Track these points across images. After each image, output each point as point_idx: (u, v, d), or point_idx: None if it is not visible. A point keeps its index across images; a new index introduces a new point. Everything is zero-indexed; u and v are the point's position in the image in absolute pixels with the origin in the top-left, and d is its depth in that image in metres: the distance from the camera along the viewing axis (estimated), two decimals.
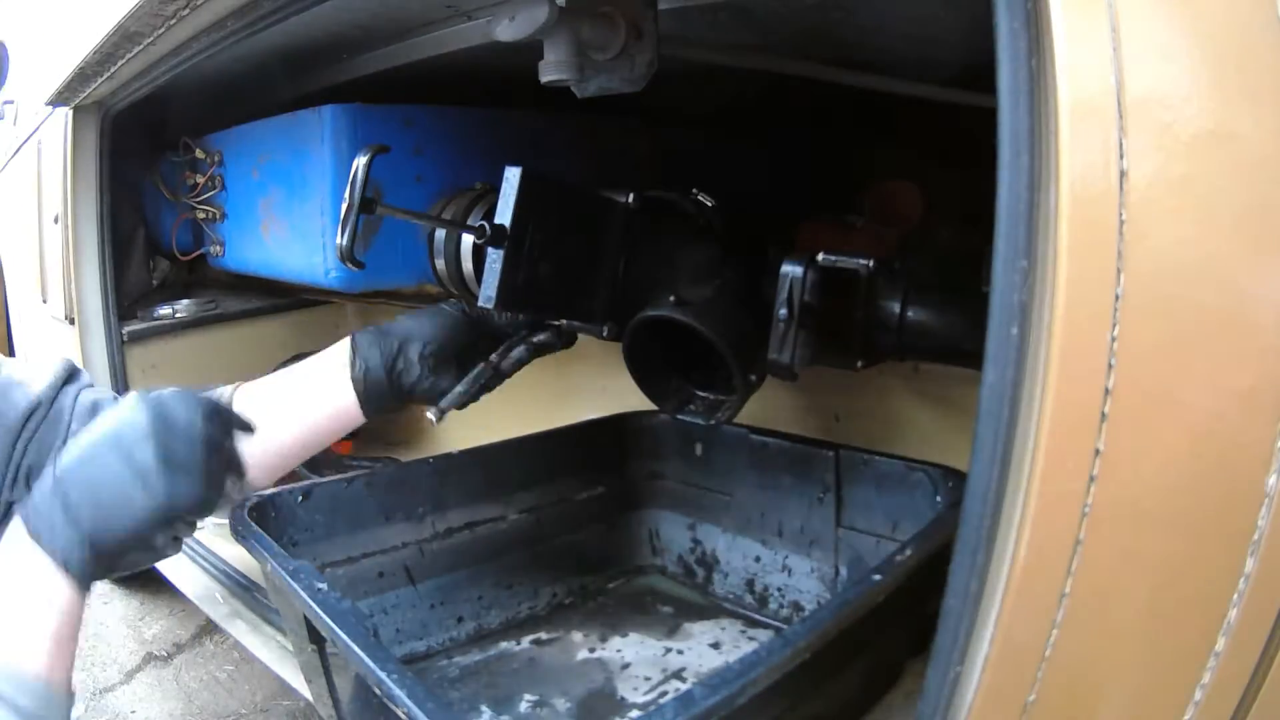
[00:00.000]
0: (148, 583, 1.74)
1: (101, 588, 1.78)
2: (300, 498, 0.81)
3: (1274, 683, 0.43)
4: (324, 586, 0.62)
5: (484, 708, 0.80)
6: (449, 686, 0.83)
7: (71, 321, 1.30)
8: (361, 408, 0.74)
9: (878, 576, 0.60)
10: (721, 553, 0.98)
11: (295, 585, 0.63)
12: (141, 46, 0.97)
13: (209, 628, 1.59)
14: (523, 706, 0.80)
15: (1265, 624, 0.41)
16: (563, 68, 0.65)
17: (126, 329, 1.34)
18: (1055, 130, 0.38)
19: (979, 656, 0.43)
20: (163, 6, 0.84)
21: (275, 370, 1.48)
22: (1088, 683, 0.44)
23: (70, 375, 0.75)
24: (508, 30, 0.62)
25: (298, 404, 0.74)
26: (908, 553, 0.62)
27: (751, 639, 0.91)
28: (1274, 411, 0.39)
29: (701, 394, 0.84)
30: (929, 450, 0.93)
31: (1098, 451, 0.39)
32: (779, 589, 0.94)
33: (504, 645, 0.90)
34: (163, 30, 0.91)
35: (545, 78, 0.66)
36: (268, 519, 0.78)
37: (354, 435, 1.49)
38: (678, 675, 0.84)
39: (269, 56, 1.02)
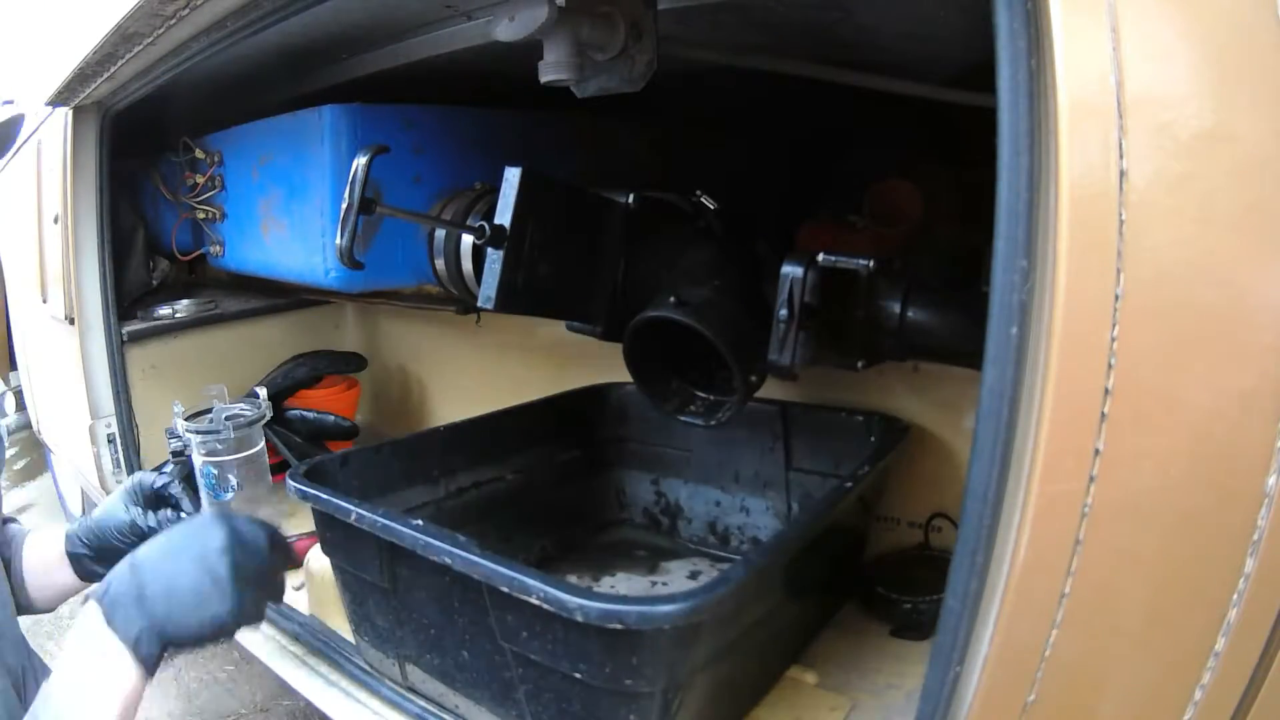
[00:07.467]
0: None
1: None
2: (341, 464, 0.88)
3: (1274, 683, 0.43)
4: (419, 522, 0.68)
5: None
6: None
7: (71, 321, 1.30)
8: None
9: (837, 494, 0.73)
10: (684, 501, 1.09)
11: (395, 524, 0.67)
12: (141, 47, 0.97)
13: None
14: None
15: (1265, 624, 0.41)
16: (563, 68, 0.65)
17: (126, 329, 1.34)
18: (1055, 130, 0.38)
19: (979, 656, 0.43)
20: (162, 6, 0.84)
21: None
22: (1088, 683, 0.44)
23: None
24: (508, 30, 0.62)
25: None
26: (849, 485, 0.75)
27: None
28: (1274, 412, 0.39)
29: (701, 395, 0.84)
30: (929, 449, 0.93)
31: (1098, 451, 0.39)
32: (739, 527, 1.04)
33: None
34: (162, 30, 0.90)
35: (545, 78, 0.65)
36: (321, 478, 0.82)
37: (353, 435, 1.49)
38: None
39: (269, 56, 1.01)
